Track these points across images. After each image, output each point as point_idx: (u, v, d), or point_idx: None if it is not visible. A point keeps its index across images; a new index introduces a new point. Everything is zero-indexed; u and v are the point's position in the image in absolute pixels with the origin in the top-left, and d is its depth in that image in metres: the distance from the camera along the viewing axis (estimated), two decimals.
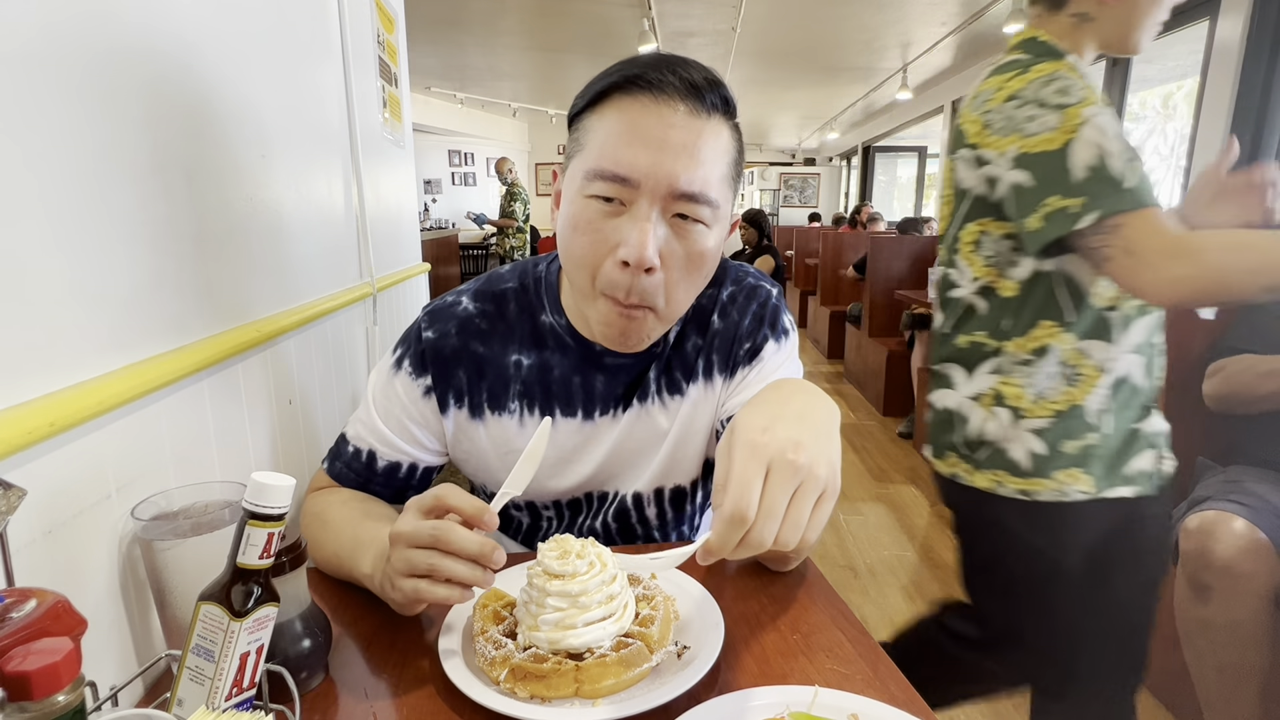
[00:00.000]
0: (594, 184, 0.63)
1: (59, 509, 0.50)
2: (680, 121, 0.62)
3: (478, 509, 0.54)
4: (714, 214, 0.65)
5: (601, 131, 0.64)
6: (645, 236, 0.61)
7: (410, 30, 1.75)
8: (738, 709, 0.50)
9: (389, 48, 1.52)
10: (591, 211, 0.64)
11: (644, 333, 0.69)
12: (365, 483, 0.78)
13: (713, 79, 0.64)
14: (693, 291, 0.69)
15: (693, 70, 0.63)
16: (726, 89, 0.66)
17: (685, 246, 0.64)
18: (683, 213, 0.63)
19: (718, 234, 0.67)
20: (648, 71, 0.62)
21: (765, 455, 0.43)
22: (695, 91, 0.62)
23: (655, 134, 0.61)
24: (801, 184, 11.99)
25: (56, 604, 0.39)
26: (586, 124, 0.66)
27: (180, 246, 0.69)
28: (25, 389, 0.48)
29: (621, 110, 0.63)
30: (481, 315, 0.77)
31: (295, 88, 1.01)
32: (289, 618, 0.53)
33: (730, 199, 0.68)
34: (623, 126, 0.62)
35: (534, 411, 0.77)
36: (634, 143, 0.61)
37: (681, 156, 0.61)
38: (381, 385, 0.77)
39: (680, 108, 0.62)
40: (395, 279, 1.51)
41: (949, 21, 4.83)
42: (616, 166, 0.61)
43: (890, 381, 3.97)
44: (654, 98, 0.62)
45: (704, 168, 0.62)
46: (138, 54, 0.63)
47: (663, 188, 0.61)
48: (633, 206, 0.62)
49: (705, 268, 0.68)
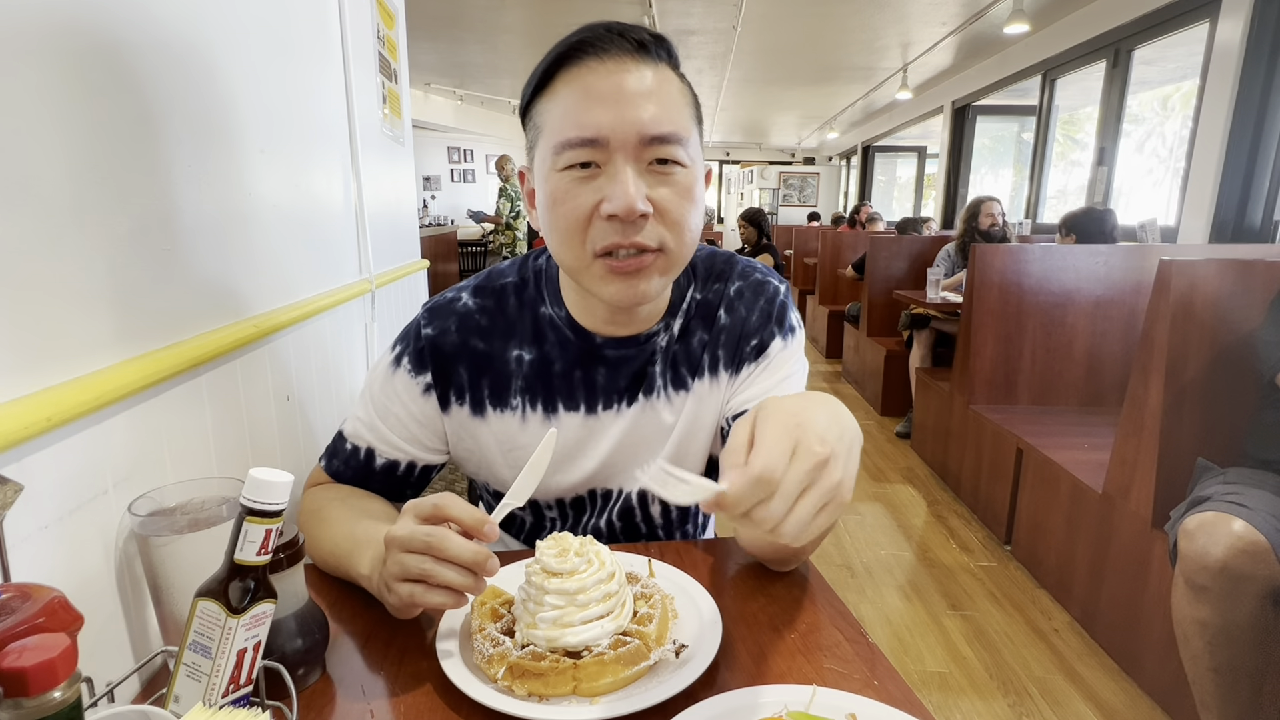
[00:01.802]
0: (563, 155, 0.62)
1: (56, 504, 0.50)
2: (631, 72, 0.62)
3: (477, 520, 0.54)
4: (688, 154, 0.64)
5: (557, 108, 0.63)
6: (627, 186, 0.61)
7: (410, 26, 1.75)
8: (736, 708, 0.50)
9: (389, 43, 1.51)
10: (567, 182, 0.63)
11: (654, 278, 0.66)
12: (363, 480, 0.78)
13: (654, 33, 0.65)
14: (694, 232, 0.67)
15: (634, 28, 0.64)
16: (669, 42, 0.66)
17: (672, 189, 0.64)
18: (659, 157, 0.63)
19: (697, 174, 0.66)
20: (589, 37, 0.63)
21: (793, 437, 0.42)
22: (640, 45, 0.63)
23: (610, 89, 0.61)
24: (801, 183, 11.99)
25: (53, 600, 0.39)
26: (539, 108, 0.66)
27: (179, 241, 0.69)
28: (22, 383, 0.48)
29: (571, 80, 0.63)
30: (481, 311, 0.77)
31: (295, 83, 1.01)
32: (286, 614, 0.53)
33: (699, 139, 0.68)
34: (577, 93, 0.62)
35: (536, 407, 0.76)
36: (592, 104, 0.61)
37: (642, 104, 0.61)
38: (380, 383, 0.77)
39: (627, 60, 0.62)
40: (394, 275, 1.51)
41: (949, 21, 4.83)
42: (581, 130, 0.61)
43: (888, 381, 3.97)
44: (600, 59, 0.62)
45: (667, 110, 0.62)
46: (137, 49, 0.62)
47: (632, 138, 0.61)
48: (607, 165, 0.62)
49: (698, 206, 0.67)
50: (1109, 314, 2.56)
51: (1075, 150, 5.71)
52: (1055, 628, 1.98)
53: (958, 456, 2.87)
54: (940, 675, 1.78)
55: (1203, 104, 3.14)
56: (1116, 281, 2.54)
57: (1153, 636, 1.62)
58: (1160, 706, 1.62)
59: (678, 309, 0.78)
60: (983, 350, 2.66)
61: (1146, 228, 3.31)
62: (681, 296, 0.78)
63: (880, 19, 4.84)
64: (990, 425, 2.53)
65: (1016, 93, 5.59)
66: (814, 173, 12.02)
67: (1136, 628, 1.70)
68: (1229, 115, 2.97)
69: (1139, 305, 2.50)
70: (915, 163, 9.58)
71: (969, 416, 2.70)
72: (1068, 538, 2.04)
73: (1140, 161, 5.24)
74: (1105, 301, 2.56)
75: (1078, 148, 5.71)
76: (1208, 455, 1.54)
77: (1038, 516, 2.24)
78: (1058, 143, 5.06)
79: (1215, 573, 1.27)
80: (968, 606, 2.09)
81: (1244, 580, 1.25)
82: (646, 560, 0.69)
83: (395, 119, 1.56)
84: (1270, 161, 2.92)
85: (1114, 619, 1.82)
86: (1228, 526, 1.27)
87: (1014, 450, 2.36)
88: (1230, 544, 1.26)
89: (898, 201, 10.15)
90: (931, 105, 6.90)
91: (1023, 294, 2.60)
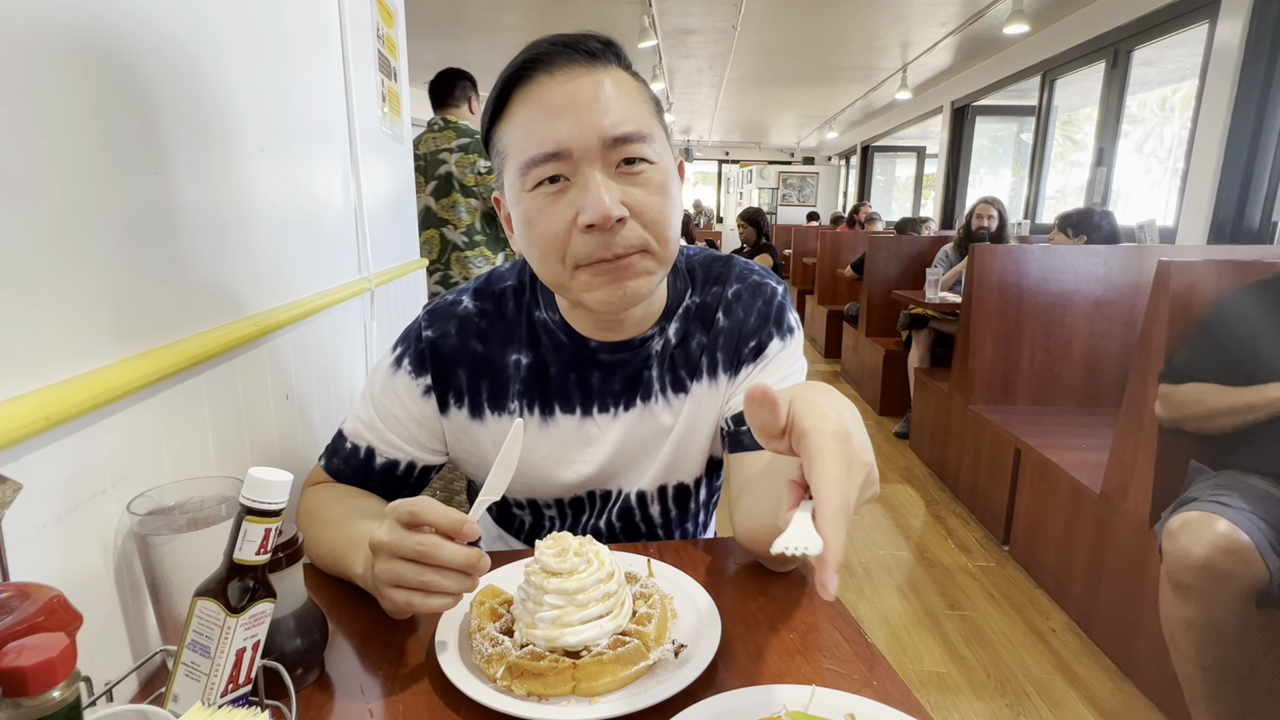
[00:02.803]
0: (530, 175, 0.63)
1: (54, 503, 0.50)
2: (584, 78, 0.62)
3: (455, 523, 0.53)
4: (654, 150, 0.64)
5: (517, 129, 0.64)
6: (599, 193, 0.61)
7: (410, 25, 1.75)
8: (734, 707, 0.50)
9: (389, 42, 1.51)
10: (539, 199, 0.63)
11: (642, 278, 0.66)
12: (362, 480, 0.78)
13: (599, 37, 0.65)
14: (674, 228, 0.67)
15: (580, 38, 0.64)
16: (618, 45, 0.66)
17: (644, 188, 0.63)
18: (626, 157, 0.63)
19: (668, 169, 0.66)
20: (536, 54, 0.63)
21: (848, 452, 0.42)
22: (586, 53, 0.63)
23: (565, 100, 0.61)
24: (800, 183, 11.98)
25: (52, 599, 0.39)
26: (499, 135, 0.67)
27: (178, 240, 0.68)
28: (21, 382, 0.48)
29: (526, 100, 0.63)
30: (481, 314, 0.77)
31: (295, 81, 1.01)
32: (285, 614, 0.53)
33: (663, 134, 0.67)
34: (533, 110, 0.62)
35: (534, 410, 0.77)
36: (550, 117, 0.61)
37: (599, 109, 0.61)
38: (381, 383, 0.77)
39: (578, 70, 0.62)
40: (393, 274, 1.51)
41: (949, 22, 4.83)
42: (543, 145, 0.61)
43: (887, 381, 3.97)
44: (549, 73, 0.62)
45: (625, 110, 0.62)
46: (135, 47, 0.62)
47: (594, 144, 0.61)
48: (575, 176, 0.62)
49: (673, 201, 0.66)
50: (1108, 314, 2.57)
51: (1074, 151, 5.71)
52: (1053, 628, 1.98)
53: (956, 457, 2.87)
54: (938, 675, 1.78)
55: (1202, 105, 3.14)
56: (1115, 282, 2.55)
57: (1150, 637, 1.63)
58: (1157, 707, 1.62)
59: (673, 313, 0.77)
60: (981, 350, 2.66)
61: (1145, 228, 3.32)
62: (678, 301, 0.78)
63: (880, 19, 4.84)
64: (989, 425, 2.53)
65: (1016, 93, 5.60)
66: (813, 172, 12.02)
67: (1134, 628, 1.71)
68: (1228, 116, 2.97)
69: (1138, 306, 2.51)
70: (914, 163, 9.58)
71: (967, 417, 2.70)
72: (1066, 538, 2.04)
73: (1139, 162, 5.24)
74: (1104, 302, 2.56)
75: (1077, 148, 5.71)
76: (1204, 456, 1.54)
77: (1036, 517, 2.24)
78: (1057, 143, 5.07)
79: (1197, 571, 1.27)
80: (966, 606, 2.10)
81: (1226, 579, 1.25)
82: (645, 560, 0.69)
83: (395, 118, 1.56)
84: (1269, 162, 2.92)
85: (1111, 620, 1.82)
86: (1211, 526, 1.28)
87: (1012, 450, 2.36)
88: (1212, 542, 1.26)
89: (897, 202, 10.15)
90: (931, 105, 6.90)
91: (1021, 294, 2.60)
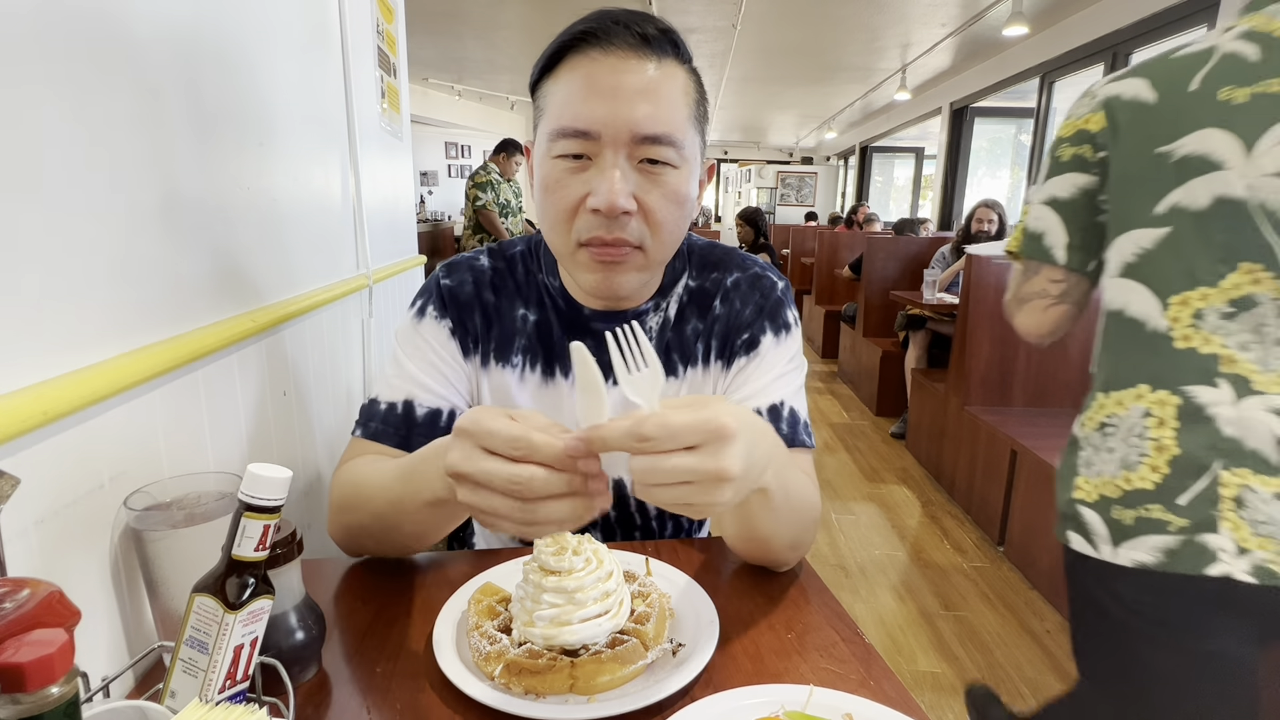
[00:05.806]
0: (557, 143, 0.64)
1: (52, 498, 0.50)
2: (632, 68, 0.63)
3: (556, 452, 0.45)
4: (680, 155, 0.65)
5: (559, 93, 0.65)
6: (613, 183, 0.62)
7: (409, 21, 1.74)
8: (732, 707, 0.50)
9: (388, 38, 1.51)
10: (559, 170, 0.65)
11: (631, 274, 0.68)
12: (405, 438, 0.73)
13: (662, 25, 0.65)
14: (676, 234, 0.69)
15: (641, 20, 0.64)
16: (677, 34, 0.66)
17: (659, 190, 0.65)
18: (650, 157, 0.64)
19: (689, 174, 0.67)
20: (596, 26, 0.63)
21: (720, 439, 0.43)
22: (644, 39, 0.63)
23: (608, 84, 0.62)
24: (798, 183, 11.99)
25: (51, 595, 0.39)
26: (545, 89, 0.67)
27: (176, 236, 0.68)
28: (18, 377, 0.48)
29: (574, 68, 0.64)
30: (494, 271, 0.79)
31: (294, 76, 1.00)
32: (283, 610, 0.53)
33: (698, 141, 0.68)
34: (577, 83, 0.63)
35: (535, 368, 0.78)
36: (589, 96, 0.62)
37: (637, 102, 0.62)
38: (408, 336, 0.77)
39: (630, 56, 0.63)
40: (391, 271, 1.51)
41: (949, 23, 4.83)
42: (575, 121, 0.62)
43: (884, 382, 3.98)
44: (604, 50, 0.63)
45: (662, 110, 0.63)
46: (135, 42, 0.62)
47: (624, 135, 0.62)
48: (598, 159, 0.63)
49: (684, 208, 0.68)
50: None
51: None
52: (1047, 629, 1.99)
53: (952, 457, 2.88)
54: (933, 675, 1.79)
55: None
56: None
57: None
58: None
59: (669, 290, 0.79)
60: (978, 352, 2.67)
61: None
62: (675, 279, 0.79)
63: (879, 19, 4.84)
64: (985, 426, 2.54)
65: (1015, 95, 5.60)
66: (812, 172, 12.03)
67: None
68: None
69: None
70: (913, 163, 9.59)
71: (964, 418, 2.71)
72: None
73: None
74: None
75: None
76: None
77: (1031, 518, 2.25)
78: None
79: None
80: (961, 607, 2.11)
81: None
82: (644, 559, 0.69)
83: (394, 114, 1.56)
84: None
85: None
86: None
87: (1008, 452, 2.37)
88: None
89: (895, 202, 10.16)
90: (930, 106, 6.91)
91: None
